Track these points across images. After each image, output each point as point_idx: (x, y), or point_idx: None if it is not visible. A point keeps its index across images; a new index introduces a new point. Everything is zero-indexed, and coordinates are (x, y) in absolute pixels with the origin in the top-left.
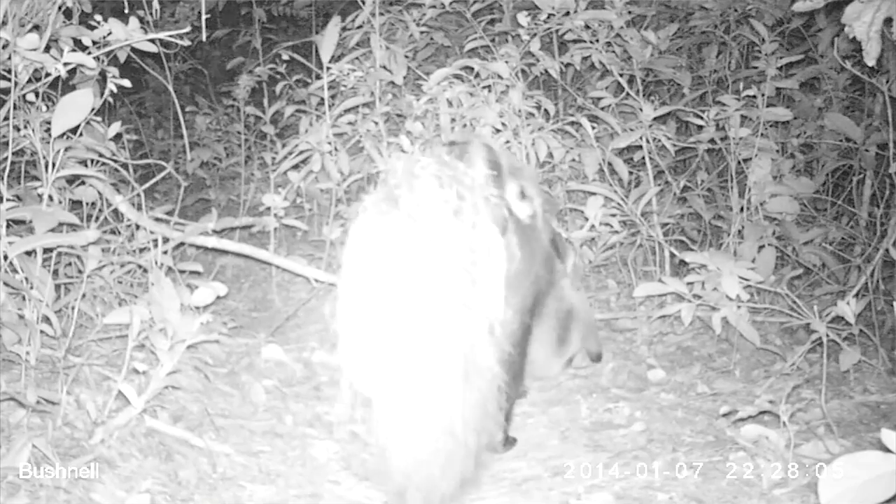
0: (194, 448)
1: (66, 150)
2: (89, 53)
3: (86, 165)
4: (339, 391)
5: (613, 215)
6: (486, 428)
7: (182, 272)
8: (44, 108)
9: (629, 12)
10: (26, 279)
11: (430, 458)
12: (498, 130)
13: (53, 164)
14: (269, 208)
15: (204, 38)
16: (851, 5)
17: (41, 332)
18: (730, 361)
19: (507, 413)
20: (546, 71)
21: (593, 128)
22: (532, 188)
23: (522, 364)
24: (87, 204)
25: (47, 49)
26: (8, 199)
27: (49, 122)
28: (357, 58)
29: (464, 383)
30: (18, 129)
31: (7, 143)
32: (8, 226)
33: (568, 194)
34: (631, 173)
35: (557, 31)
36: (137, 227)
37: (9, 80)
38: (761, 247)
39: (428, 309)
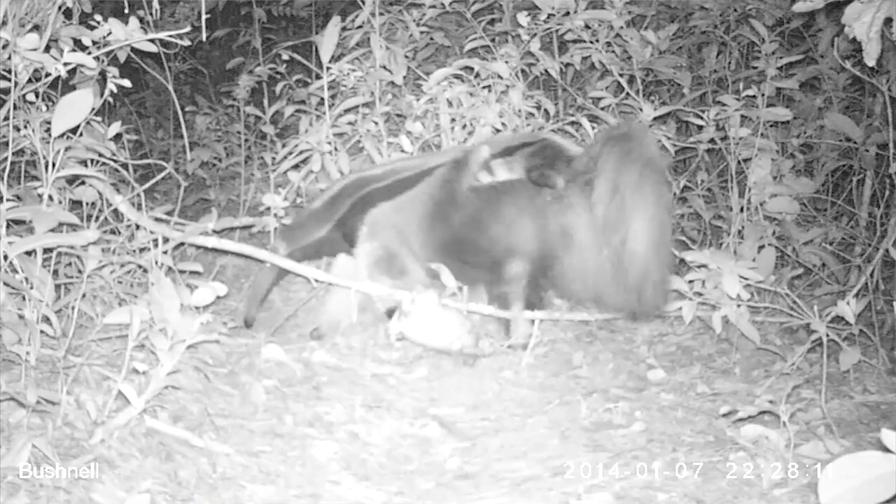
0: (194, 448)
1: (66, 150)
2: (89, 53)
3: (86, 165)
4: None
5: None
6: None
7: (182, 272)
8: (44, 108)
9: (629, 12)
10: (26, 279)
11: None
12: (498, 130)
13: (53, 164)
14: (269, 208)
15: (204, 38)
16: (851, 5)
17: (41, 332)
18: (730, 361)
19: None
20: (546, 71)
21: (593, 128)
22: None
23: None
24: (87, 204)
25: (47, 49)
26: (8, 199)
27: (49, 122)
28: (357, 58)
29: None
30: (18, 129)
31: (7, 143)
32: (8, 226)
33: None
34: None
35: (557, 31)
36: (137, 227)
37: (9, 80)
38: (761, 247)
39: None
